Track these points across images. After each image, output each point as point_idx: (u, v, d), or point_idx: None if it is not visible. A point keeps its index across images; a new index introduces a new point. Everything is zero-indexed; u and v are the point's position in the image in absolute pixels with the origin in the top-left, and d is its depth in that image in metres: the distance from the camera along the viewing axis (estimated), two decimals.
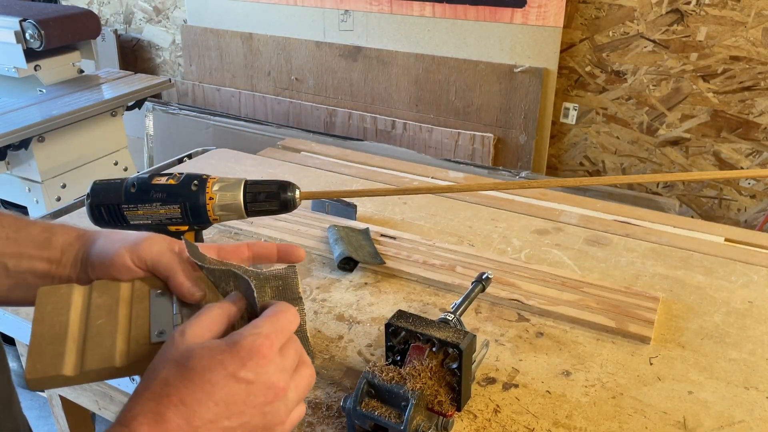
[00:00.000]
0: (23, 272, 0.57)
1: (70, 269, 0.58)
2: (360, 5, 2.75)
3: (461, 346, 0.70)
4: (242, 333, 0.47)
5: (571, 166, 2.71)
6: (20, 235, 0.57)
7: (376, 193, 0.92)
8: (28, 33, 1.98)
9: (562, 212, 1.27)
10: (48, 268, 0.58)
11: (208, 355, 0.45)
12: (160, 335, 0.53)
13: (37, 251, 0.57)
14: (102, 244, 0.58)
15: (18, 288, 0.58)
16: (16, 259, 0.57)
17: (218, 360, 0.45)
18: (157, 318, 0.55)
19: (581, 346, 0.88)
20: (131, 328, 0.54)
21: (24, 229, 0.58)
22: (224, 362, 0.45)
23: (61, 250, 0.58)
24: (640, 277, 1.05)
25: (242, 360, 0.45)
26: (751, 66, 2.22)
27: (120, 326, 0.54)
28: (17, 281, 0.57)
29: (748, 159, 2.36)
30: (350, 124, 2.92)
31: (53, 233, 0.58)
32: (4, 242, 0.57)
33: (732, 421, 0.76)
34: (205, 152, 1.60)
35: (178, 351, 0.46)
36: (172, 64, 3.58)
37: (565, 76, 2.55)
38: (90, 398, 1.00)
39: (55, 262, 0.58)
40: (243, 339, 0.46)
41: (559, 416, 0.76)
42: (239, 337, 0.46)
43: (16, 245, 0.57)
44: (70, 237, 0.59)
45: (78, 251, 0.58)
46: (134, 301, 0.56)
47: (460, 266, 1.05)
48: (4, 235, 0.57)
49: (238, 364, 0.45)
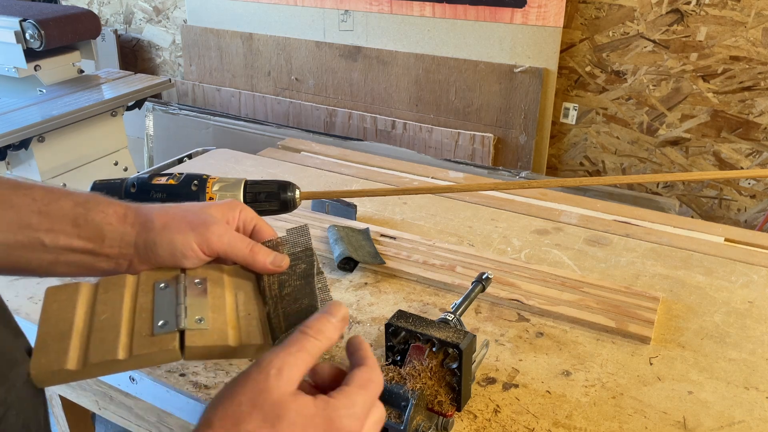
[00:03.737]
0: (62, 249, 0.54)
1: (118, 249, 0.56)
2: (360, 5, 2.75)
3: (461, 346, 0.70)
4: (339, 411, 0.45)
5: (571, 166, 2.71)
6: (52, 209, 0.54)
7: (376, 193, 0.92)
8: (28, 33, 1.98)
9: (562, 212, 1.27)
10: (89, 246, 0.55)
11: (302, 424, 0.44)
12: (164, 326, 0.53)
13: (72, 228, 0.54)
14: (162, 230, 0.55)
15: (59, 265, 0.55)
16: (52, 234, 0.54)
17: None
18: (160, 309, 0.54)
19: (581, 346, 0.88)
20: (135, 321, 0.54)
21: (55, 202, 0.55)
22: None
23: (100, 228, 0.55)
24: (640, 277, 1.05)
25: None
26: (751, 66, 2.22)
27: (123, 320, 0.53)
28: (57, 256, 0.55)
29: (748, 159, 2.36)
30: (350, 124, 2.92)
31: (87, 209, 0.55)
32: (37, 217, 0.54)
33: (732, 421, 0.76)
34: (205, 152, 1.60)
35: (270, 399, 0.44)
36: (172, 64, 3.58)
37: (565, 76, 2.55)
38: (90, 398, 1.00)
39: (95, 240, 0.55)
40: (339, 419, 0.45)
41: (559, 416, 0.76)
42: (336, 415, 0.45)
43: (50, 220, 0.54)
44: (107, 216, 0.55)
45: (125, 234, 0.56)
46: (139, 295, 0.56)
47: (460, 266, 1.05)
48: (36, 209, 0.54)
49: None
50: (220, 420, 0.44)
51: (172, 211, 0.57)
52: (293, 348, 0.47)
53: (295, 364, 0.46)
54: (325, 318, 0.50)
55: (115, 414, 0.97)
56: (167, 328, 0.53)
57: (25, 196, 0.54)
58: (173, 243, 0.56)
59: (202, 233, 0.56)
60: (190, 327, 0.53)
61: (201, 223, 0.56)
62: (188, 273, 0.58)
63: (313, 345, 0.48)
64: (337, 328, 0.50)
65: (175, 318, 0.53)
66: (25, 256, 0.54)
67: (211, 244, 0.56)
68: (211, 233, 0.56)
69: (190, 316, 0.54)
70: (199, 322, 0.54)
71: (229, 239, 0.57)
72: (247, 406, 0.44)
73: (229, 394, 0.45)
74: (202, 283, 0.57)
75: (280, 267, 0.58)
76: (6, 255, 0.54)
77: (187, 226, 0.56)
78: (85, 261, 0.56)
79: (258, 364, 0.46)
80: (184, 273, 0.58)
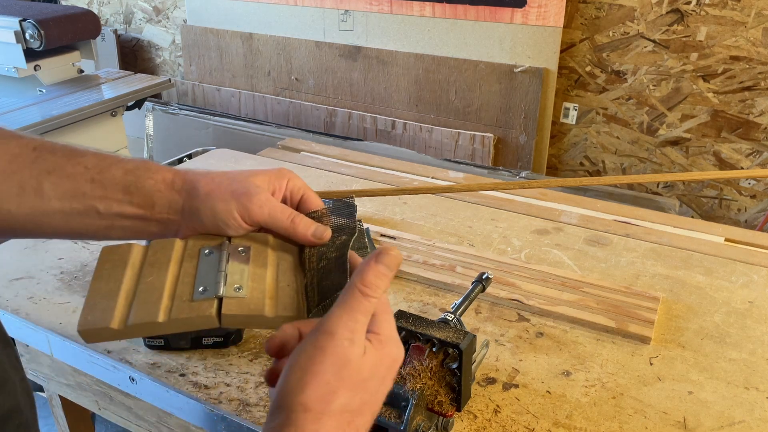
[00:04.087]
0: (114, 215, 0.56)
1: (167, 214, 0.57)
2: (360, 5, 2.75)
3: (461, 346, 0.70)
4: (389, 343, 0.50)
5: (571, 166, 2.71)
6: (104, 177, 0.56)
7: (376, 193, 0.92)
8: (28, 33, 1.98)
9: (562, 212, 1.27)
10: (140, 212, 0.57)
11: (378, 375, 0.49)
12: (204, 292, 0.54)
13: (124, 195, 0.56)
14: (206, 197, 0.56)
15: (114, 230, 0.57)
16: (105, 201, 0.56)
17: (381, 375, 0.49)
18: (202, 275, 0.55)
19: (581, 346, 0.88)
20: (177, 285, 0.55)
21: (107, 170, 0.56)
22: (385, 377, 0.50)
23: (150, 195, 0.57)
24: (640, 277, 1.05)
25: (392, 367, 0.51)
26: (752, 66, 2.22)
27: (167, 283, 0.54)
28: (112, 222, 0.57)
29: (748, 159, 2.36)
30: (350, 124, 2.92)
31: (137, 176, 0.57)
32: (90, 185, 0.56)
33: (732, 422, 0.76)
34: (205, 152, 1.60)
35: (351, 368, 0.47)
36: (172, 64, 3.58)
37: (565, 76, 2.55)
38: (90, 398, 0.99)
39: (146, 207, 0.57)
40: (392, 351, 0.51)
41: (559, 416, 0.76)
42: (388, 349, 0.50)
43: (102, 188, 0.56)
44: (156, 182, 0.57)
45: (172, 200, 0.57)
46: (184, 260, 0.57)
47: (460, 266, 1.05)
48: (89, 177, 0.56)
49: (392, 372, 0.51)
50: (315, 402, 0.45)
51: (218, 178, 0.58)
52: (356, 313, 0.49)
53: (361, 329, 0.49)
54: (378, 270, 0.50)
55: (115, 414, 0.97)
56: (206, 295, 0.54)
57: (78, 164, 0.56)
58: (215, 211, 0.56)
59: (243, 203, 0.56)
60: (228, 295, 0.54)
61: (244, 192, 0.57)
62: (233, 241, 0.59)
63: (371, 303, 0.50)
64: (390, 277, 0.51)
65: (214, 285, 0.54)
66: (83, 222, 0.56)
67: (252, 214, 0.57)
68: (253, 203, 0.56)
69: (229, 284, 0.55)
70: (238, 291, 0.54)
71: (270, 210, 0.57)
72: (334, 382, 0.46)
73: (312, 372, 0.46)
74: (245, 251, 0.58)
75: (321, 239, 0.59)
76: (65, 222, 0.56)
77: (230, 195, 0.56)
78: (137, 226, 0.58)
79: (329, 334, 0.47)
80: (230, 241, 0.58)
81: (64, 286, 1.01)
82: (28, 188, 0.54)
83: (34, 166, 0.55)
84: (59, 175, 0.55)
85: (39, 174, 0.55)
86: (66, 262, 1.07)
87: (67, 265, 1.06)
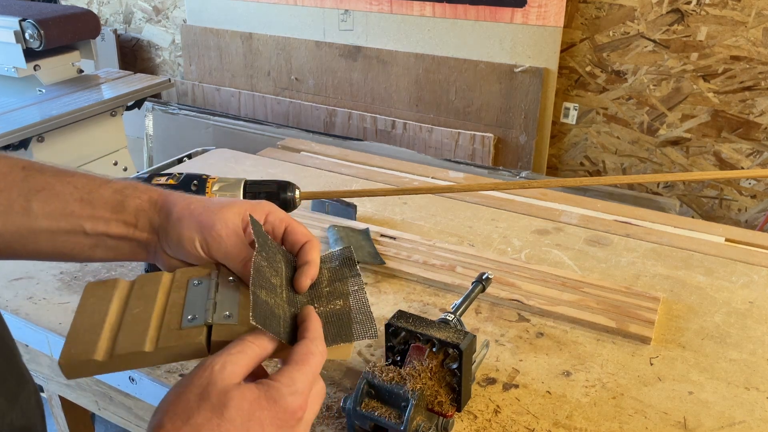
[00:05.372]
0: (100, 234, 0.57)
1: (147, 234, 0.58)
2: (360, 5, 2.75)
3: (461, 346, 0.69)
4: (281, 390, 0.48)
5: (571, 166, 2.71)
6: (93, 197, 0.57)
7: (376, 193, 0.92)
8: (27, 33, 1.98)
9: (563, 212, 1.27)
10: (125, 232, 0.58)
11: (248, 408, 0.46)
12: (192, 320, 0.53)
13: (112, 214, 0.57)
14: (176, 222, 0.57)
15: (98, 248, 0.58)
16: (93, 221, 0.57)
17: (257, 417, 0.46)
18: (191, 304, 0.55)
19: (581, 347, 0.88)
20: (165, 315, 0.54)
21: (96, 190, 0.58)
22: (263, 420, 0.46)
23: (135, 214, 0.58)
24: (641, 278, 1.05)
25: (280, 421, 0.47)
26: (752, 66, 2.22)
27: (154, 314, 0.54)
28: (96, 242, 0.58)
29: (748, 159, 2.36)
30: (350, 124, 2.92)
31: (125, 196, 0.58)
32: (79, 204, 0.56)
33: (732, 422, 0.76)
34: (204, 152, 1.60)
35: (215, 390, 0.46)
36: (171, 64, 3.58)
37: (566, 76, 2.55)
38: (90, 398, 0.99)
39: (131, 225, 0.58)
40: (282, 398, 0.47)
41: (560, 416, 0.76)
42: (278, 395, 0.47)
43: (91, 208, 0.57)
44: (142, 202, 0.58)
45: (152, 219, 0.58)
46: (172, 291, 0.56)
47: (460, 266, 1.05)
48: (78, 197, 0.57)
49: (276, 425, 0.47)
50: (171, 420, 0.45)
51: (194, 205, 0.58)
52: (234, 350, 0.49)
53: (237, 362, 0.48)
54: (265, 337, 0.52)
55: (115, 414, 0.97)
56: (195, 322, 0.53)
57: (68, 184, 0.57)
58: (180, 237, 0.57)
59: (205, 236, 0.57)
60: (217, 322, 0.53)
61: (209, 224, 0.57)
62: (222, 271, 0.59)
63: (253, 350, 0.50)
64: (268, 349, 0.52)
65: (203, 312, 0.54)
66: (68, 241, 0.57)
67: (211, 249, 0.57)
68: (213, 238, 0.57)
69: (218, 311, 0.54)
70: (228, 318, 0.54)
71: (226, 248, 0.57)
72: (194, 401, 0.46)
73: (175, 393, 0.47)
74: (235, 280, 0.58)
75: None
76: (51, 241, 0.56)
77: (196, 225, 0.57)
78: (120, 246, 0.58)
79: (201, 363, 0.48)
80: (219, 270, 0.59)
81: (63, 286, 1.01)
82: (16, 206, 0.54)
83: (23, 185, 0.55)
84: (48, 194, 0.56)
85: (28, 192, 0.55)
86: (66, 263, 1.07)
87: (67, 265, 1.06)
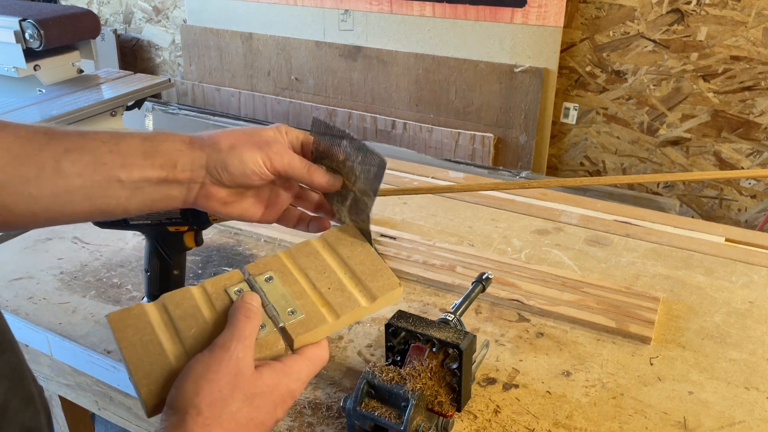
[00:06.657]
0: (137, 181, 0.57)
1: (189, 173, 0.58)
2: (360, 5, 2.75)
3: (461, 346, 0.69)
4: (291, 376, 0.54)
5: (571, 166, 2.71)
6: (122, 147, 0.57)
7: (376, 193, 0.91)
8: (27, 33, 1.98)
9: (563, 212, 1.27)
10: (162, 174, 0.57)
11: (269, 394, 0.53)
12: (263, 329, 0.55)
13: (144, 160, 0.57)
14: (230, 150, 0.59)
15: (134, 198, 0.58)
16: (127, 169, 0.56)
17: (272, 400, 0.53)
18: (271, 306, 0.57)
19: (581, 347, 0.88)
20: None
21: (124, 141, 0.57)
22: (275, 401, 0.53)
23: (171, 156, 0.58)
24: (641, 278, 1.05)
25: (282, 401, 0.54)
26: (752, 66, 2.22)
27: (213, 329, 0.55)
28: (133, 191, 0.57)
29: (748, 159, 2.36)
30: (350, 124, 2.92)
31: (156, 141, 0.58)
32: (110, 156, 0.56)
33: (732, 422, 0.76)
34: None
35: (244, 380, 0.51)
36: (171, 64, 3.58)
37: (566, 76, 2.55)
38: (90, 398, 0.99)
39: (168, 167, 0.58)
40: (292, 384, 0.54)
41: (560, 416, 0.76)
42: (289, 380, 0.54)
43: (122, 157, 0.56)
44: (176, 143, 0.59)
45: (195, 157, 0.58)
46: (214, 302, 0.57)
47: (460, 266, 1.05)
48: (107, 150, 0.56)
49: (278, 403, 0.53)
50: (209, 406, 0.48)
51: (235, 133, 0.61)
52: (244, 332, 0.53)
53: (250, 346, 0.53)
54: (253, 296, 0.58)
55: (115, 414, 0.97)
56: (267, 330, 0.54)
57: (93, 140, 0.57)
58: (243, 161, 0.59)
59: (266, 152, 0.60)
60: (288, 322, 0.55)
61: (264, 142, 0.60)
62: (252, 272, 0.59)
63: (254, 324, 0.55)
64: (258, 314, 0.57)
65: (268, 319, 0.55)
66: (105, 195, 0.56)
67: (275, 163, 0.60)
68: (274, 152, 0.60)
69: (281, 313, 0.55)
70: (293, 314, 0.55)
71: (289, 159, 0.62)
72: (227, 390, 0.50)
73: (207, 379, 0.50)
74: (271, 278, 0.59)
75: (333, 186, 0.65)
76: (88, 198, 0.56)
77: (253, 146, 0.60)
78: (158, 191, 0.58)
79: (224, 348, 0.52)
80: (249, 275, 0.59)
81: (63, 286, 1.01)
82: (48, 168, 0.54)
83: (50, 147, 0.55)
84: (78, 153, 0.55)
85: (56, 154, 0.54)
86: (66, 262, 1.07)
87: (67, 265, 1.06)
